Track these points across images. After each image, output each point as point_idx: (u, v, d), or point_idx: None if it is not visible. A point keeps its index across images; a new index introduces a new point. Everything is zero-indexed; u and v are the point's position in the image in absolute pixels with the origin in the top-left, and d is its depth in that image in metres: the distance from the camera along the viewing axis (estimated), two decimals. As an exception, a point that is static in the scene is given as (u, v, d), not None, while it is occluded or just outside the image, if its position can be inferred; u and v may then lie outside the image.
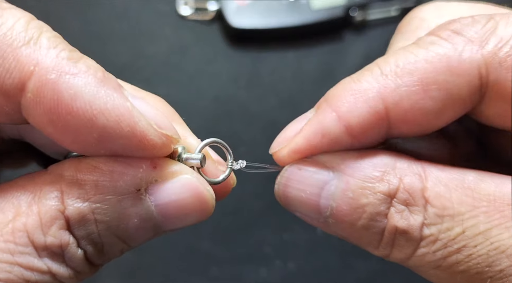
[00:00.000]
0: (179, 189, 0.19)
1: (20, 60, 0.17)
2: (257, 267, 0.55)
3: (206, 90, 0.61)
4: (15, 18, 0.18)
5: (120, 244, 0.19)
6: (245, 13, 0.61)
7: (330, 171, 0.22)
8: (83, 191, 0.17)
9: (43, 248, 0.17)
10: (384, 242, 0.21)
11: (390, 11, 0.65)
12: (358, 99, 0.21)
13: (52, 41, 0.18)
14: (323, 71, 0.63)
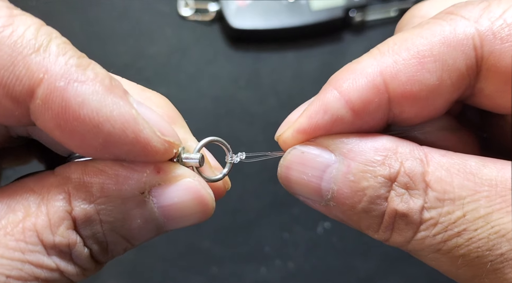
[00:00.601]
0: (181, 192, 0.20)
1: (30, 67, 0.17)
2: (257, 266, 0.55)
3: (206, 90, 0.61)
4: (25, 25, 0.18)
5: (123, 243, 0.20)
6: (245, 14, 0.61)
7: (332, 154, 0.22)
8: (90, 193, 0.18)
9: (52, 247, 0.18)
10: (384, 226, 0.22)
11: (389, 12, 0.65)
12: (357, 75, 0.22)
13: (61, 48, 0.18)
14: (323, 71, 0.63)
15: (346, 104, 0.22)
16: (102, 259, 0.20)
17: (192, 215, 0.21)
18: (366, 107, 0.22)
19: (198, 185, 0.21)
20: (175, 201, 0.20)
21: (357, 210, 0.21)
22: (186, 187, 0.20)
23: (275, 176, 0.66)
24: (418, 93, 0.21)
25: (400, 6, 0.65)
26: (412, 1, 0.65)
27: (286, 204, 0.57)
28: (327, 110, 0.22)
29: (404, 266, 0.57)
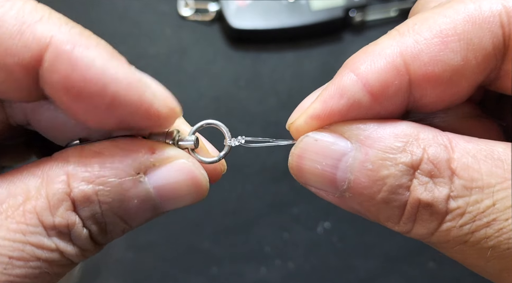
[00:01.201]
0: (175, 173, 0.20)
1: (37, 34, 0.18)
2: (257, 267, 0.55)
3: (206, 90, 0.61)
4: (22, 1, 0.19)
5: (121, 224, 0.20)
6: (245, 14, 0.61)
7: (348, 141, 0.20)
8: (87, 175, 0.19)
9: (52, 228, 0.18)
10: (405, 217, 0.20)
11: (389, 12, 0.65)
12: (375, 57, 0.21)
13: (62, 19, 0.19)
14: (323, 71, 0.63)
15: (364, 87, 0.20)
16: (101, 240, 0.20)
17: (186, 195, 0.21)
18: (385, 90, 0.20)
19: (192, 166, 0.21)
20: (169, 182, 0.20)
21: (376, 201, 0.20)
22: (180, 167, 0.20)
23: (275, 176, 0.67)
24: (441, 74, 0.20)
25: (400, 6, 0.65)
26: (412, 0, 0.65)
27: (286, 204, 0.57)
28: (343, 94, 0.20)
29: (404, 266, 0.57)
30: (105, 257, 0.54)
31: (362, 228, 0.57)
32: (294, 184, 0.58)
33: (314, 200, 0.58)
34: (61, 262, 0.19)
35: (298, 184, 0.65)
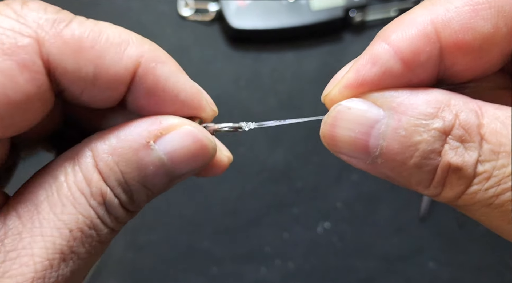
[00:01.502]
0: (181, 137, 0.22)
1: (131, 56, 0.22)
2: (257, 267, 0.55)
3: (206, 90, 0.61)
4: (111, 27, 0.22)
5: (144, 190, 0.22)
6: (245, 14, 0.61)
7: (381, 109, 0.21)
8: (107, 148, 0.21)
9: (91, 198, 0.21)
10: (435, 181, 0.21)
11: (389, 12, 0.65)
12: (407, 26, 0.21)
13: (139, 40, 0.22)
14: (323, 71, 0.63)
15: (396, 55, 0.21)
16: (131, 208, 0.22)
17: (194, 157, 0.23)
18: (417, 57, 0.21)
19: (195, 130, 0.23)
20: (177, 146, 0.22)
21: (408, 166, 0.21)
22: (185, 132, 0.23)
23: (275, 176, 0.66)
24: (472, 42, 0.20)
25: (400, 6, 0.65)
26: (412, 1, 0.65)
27: (286, 204, 0.58)
28: (376, 62, 0.21)
29: (404, 266, 0.57)
30: (105, 257, 0.54)
31: (362, 228, 0.58)
32: (294, 184, 0.58)
33: (314, 200, 0.58)
34: (104, 231, 0.21)
35: (298, 184, 0.66)
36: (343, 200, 0.58)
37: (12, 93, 0.18)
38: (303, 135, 0.60)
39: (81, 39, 0.20)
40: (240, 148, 0.59)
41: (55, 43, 0.19)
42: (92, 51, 0.20)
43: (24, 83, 0.18)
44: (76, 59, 0.20)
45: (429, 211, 0.59)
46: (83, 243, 0.20)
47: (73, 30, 0.20)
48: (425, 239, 0.58)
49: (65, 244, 0.19)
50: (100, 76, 0.21)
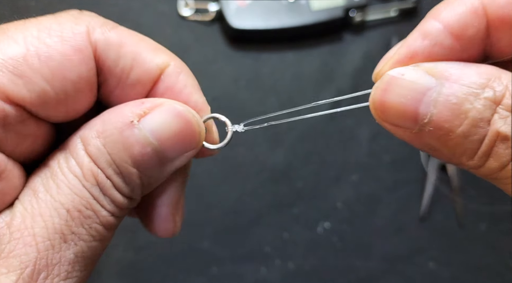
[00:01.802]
0: (165, 114, 0.22)
1: (164, 58, 0.25)
2: (257, 267, 0.55)
3: (207, 90, 0.60)
4: (151, 40, 0.25)
5: (135, 172, 0.22)
6: (245, 14, 0.61)
7: (433, 78, 0.21)
8: (94, 132, 0.22)
9: (86, 180, 0.21)
10: (481, 150, 0.21)
11: (389, 12, 0.65)
12: (456, 3, 0.22)
13: (172, 53, 0.26)
14: (323, 71, 0.63)
15: (445, 29, 0.22)
16: (126, 192, 0.22)
17: (180, 134, 0.23)
18: (465, 31, 0.22)
19: (179, 106, 0.23)
20: (162, 123, 0.22)
21: (456, 135, 0.21)
22: (168, 109, 0.22)
23: (275, 176, 0.66)
24: None
25: (400, 6, 0.65)
26: (412, 1, 0.65)
27: (286, 204, 0.58)
28: (426, 36, 0.22)
29: (404, 266, 0.57)
30: (105, 257, 0.54)
31: (362, 228, 0.58)
32: (294, 185, 0.58)
33: (314, 200, 0.58)
34: (103, 212, 0.21)
35: (298, 184, 0.65)
36: (343, 200, 0.58)
37: (68, 72, 0.21)
38: (303, 135, 0.60)
39: (124, 37, 0.23)
40: (240, 148, 0.59)
41: (102, 36, 0.22)
42: (131, 47, 0.23)
43: (78, 63, 0.21)
44: (117, 51, 0.22)
45: (429, 211, 0.59)
46: (82, 224, 0.21)
47: (118, 31, 0.23)
48: (425, 239, 0.58)
49: (63, 224, 0.20)
50: (136, 67, 0.23)
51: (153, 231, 0.27)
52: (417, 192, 0.59)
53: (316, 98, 0.62)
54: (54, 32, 0.21)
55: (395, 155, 0.61)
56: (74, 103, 0.22)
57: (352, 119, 0.61)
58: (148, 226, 0.27)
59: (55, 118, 0.22)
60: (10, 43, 0.20)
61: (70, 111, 0.22)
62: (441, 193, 0.59)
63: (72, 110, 0.22)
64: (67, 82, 0.21)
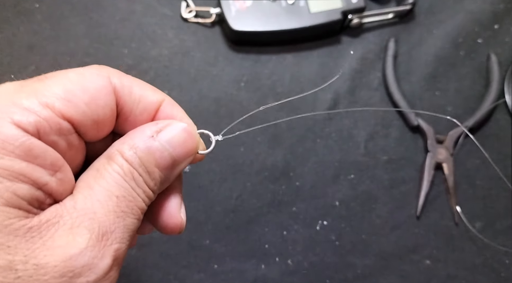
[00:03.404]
0: (175, 129, 0.30)
1: (161, 94, 0.32)
2: (257, 264, 0.56)
3: (207, 92, 0.62)
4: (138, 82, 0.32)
5: (157, 171, 0.29)
6: (245, 17, 0.62)
7: None
8: (127, 145, 0.29)
9: (124, 176, 0.28)
10: None
11: (387, 15, 0.66)
12: None
13: (158, 90, 0.33)
14: (321, 73, 0.64)
15: None
16: (151, 185, 0.29)
17: (186, 142, 0.30)
18: None
19: (184, 125, 0.31)
20: (173, 134, 0.30)
21: None
22: (178, 125, 0.30)
23: (274, 175, 0.67)
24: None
25: (397, 9, 0.66)
26: (410, 3, 0.66)
27: (285, 203, 0.58)
28: None
29: (400, 263, 0.57)
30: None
31: (359, 226, 0.58)
32: (293, 184, 0.59)
33: (312, 199, 0.59)
34: (138, 199, 0.28)
35: (297, 183, 0.66)
36: (341, 199, 0.59)
37: (99, 101, 0.28)
38: (302, 135, 0.61)
39: (132, 81, 0.31)
40: (240, 148, 0.60)
41: (118, 80, 0.30)
42: (138, 87, 0.31)
43: (104, 95, 0.28)
44: (129, 89, 0.30)
45: (425, 209, 0.59)
46: (127, 206, 0.27)
47: (128, 77, 0.31)
48: (421, 237, 0.58)
49: (115, 205, 0.27)
50: (143, 101, 0.31)
51: (164, 229, 0.32)
52: (413, 191, 0.60)
53: (315, 98, 0.63)
54: (87, 75, 0.28)
55: (392, 155, 0.61)
56: (103, 125, 0.29)
57: (350, 119, 0.62)
58: (159, 224, 0.32)
59: (89, 137, 0.29)
60: (55, 83, 0.27)
61: (100, 132, 0.29)
62: (437, 191, 0.60)
63: (101, 131, 0.29)
64: (98, 108, 0.28)
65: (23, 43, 0.60)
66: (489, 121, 0.63)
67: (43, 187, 0.25)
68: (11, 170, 0.23)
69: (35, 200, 0.25)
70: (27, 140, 0.24)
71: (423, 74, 0.65)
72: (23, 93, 0.25)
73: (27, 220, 0.24)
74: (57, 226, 0.25)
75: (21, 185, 0.24)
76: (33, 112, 0.25)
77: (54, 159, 0.26)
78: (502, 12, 0.68)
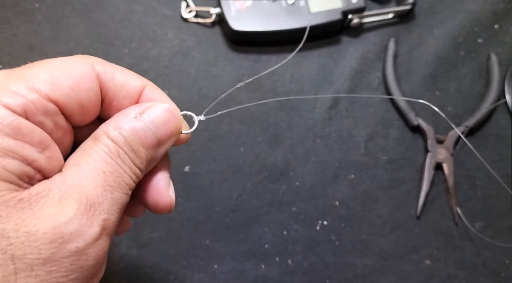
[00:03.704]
0: (157, 110, 0.32)
1: (143, 79, 0.35)
2: (257, 264, 0.56)
3: (208, 91, 0.62)
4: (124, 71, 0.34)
5: (142, 149, 0.31)
6: (245, 17, 0.62)
7: None
8: (112, 127, 0.30)
9: (110, 153, 0.30)
10: None
11: (387, 15, 0.66)
12: None
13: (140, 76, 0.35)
14: (321, 73, 0.64)
15: None
16: (138, 163, 0.31)
17: (169, 121, 0.32)
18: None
19: (166, 105, 0.32)
20: (156, 115, 0.31)
21: None
22: (159, 106, 0.32)
23: (274, 175, 0.67)
24: None
25: (397, 9, 0.66)
26: (410, 3, 0.66)
27: (285, 203, 0.58)
28: None
29: (400, 263, 0.57)
30: (109, 254, 0.55)
31: (359, 226, 0.58)
32: (293, 183, 0.59)
33: (312, 199, 0.59)
34: (125, 175, 0.30)
35: (297, 183, 0.66)
36: (341, 199, 0.59)
37: (83, 85, 0.30)
38: (302, 135, 0.61)
39: (115, 67, 0.33)
40: (240, 148, 0.60)
41: (102, 67, 0.32)
42: (121, 73, 0.33)
43: (88, 81, 0.30)
44: (112, 75, 0.32)
45: (425, 209, 0.59)
46: (113, 180, 0.29)
47: (111, 64, 0.33)
48: (421, 237, 0.58)
49: (102, 180, 0.28)
50: (126, 85, 0.32)
51: (154, 208, 0.34)
52: (413, 191, 0.60)
53: (316, 98, 0.63)
54: (71, 62, 0.30)
55: (392, 155, 0.61)
56: (88, 109, 0.31)
57: (350, 119, 0.62)
58: (149, 204, 0.34)
59: (76, 120, 0.30)
60: (41, 69, 0.29)
61: (85, 116, 0.31)
62: (437, 191, 0.60)
63: (86, 115, 0.31)
64: (82, 92, 0.30)
65: (23, 43, 0.60)
66: (489, 121, 0.63)
67: (32, 163, 0.27)
68: (1, 147, 0.25)
69: (25, 175, 0.26)
70: (15, 119, 0.26)
71: (423, 74, 0.65)
72: (11, 79, 0.27)
73: (17, 193, 0.25)
74: (47, 198, 0.26)
75: (10, 160, 0.25)
76: (20, 95, 0.26)
77: (41, 137, 0.27)
78: (502, 12, 0.68)
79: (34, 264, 0.24)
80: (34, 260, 0.24)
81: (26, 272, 0.24)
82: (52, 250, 0.25)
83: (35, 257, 0.24)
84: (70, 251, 0.25)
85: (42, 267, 0.25)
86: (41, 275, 0.25)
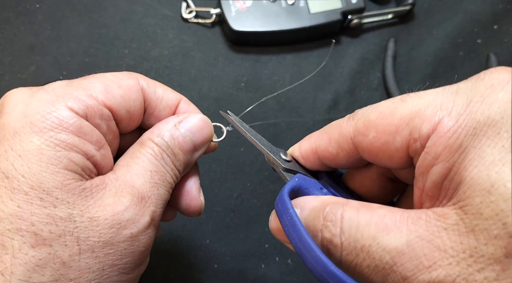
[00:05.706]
0: (193, 119, 0.36)
1: (178, 94, 0.39)
2: (257, 263, 0.56)
3: (208, 92, 0.62)
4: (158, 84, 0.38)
5: (181, 153, 0.35)
6: (245, 17, 0.62)
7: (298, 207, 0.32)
8: (155, 134, 0.35)
9: (156, 156, 0.34)
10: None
11: (386, 15, 0.66)
12: None
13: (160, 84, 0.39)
14: (320, 73, 0.64)
15: None
16: (177, 164, 0.35)
17: (203, 129, 0.36)
18: None
19: (201, 115, 0.37)
20: (192, 123, 0.36)
21: None
22: (194, 116, 0.36)
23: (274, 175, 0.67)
24: None
25: (396, 10, 0.66)
26: (409, 4, 0.66)
27: (285, 203, 0.58)
28: (331, 139, 0.35)
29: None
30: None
31: (359, 226, 0.58)
32: (293, 183, 0.59)
33: (312, 198, 0.59)
34: (167, 175, 0.34)
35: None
36: (341, 199, 0.59)
37: (132, 95, 0.34)
38: (302, 135, 0.61)
39: (156, 83, 0.37)
40: (240, 148, 0.60)
41: (145, 82, 0.36)
42: (161, 88, 0.37)
43: (135, 92, 0.34)
44: (154, 89, 0.36)
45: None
46: (159, 178, 0.33)
47: (153, 80, 0.37)
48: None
49: (150, 177, 0.32)
50: (165, 98, 0.36)
51: (186, 210, 0.37)
52: (413, 191, 0.60)
53: (316, 98, 0.63)
54: (120, 76, 0.34)
55: (392, 155, 0.61)
56: (134, 116, 0.35)
57: (350, 119, 0.62)
58: (182, 207, 0.37)
59: (123, 126, 0.34)
60: (97, 80, 0.33)
61: (131, 123, 0.35)
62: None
63: (132, 122, 0.35)
64: (131, 101, 0.34)
65: (24, 43, 0.60)
66: (489, 121, 0.63)
67: (91, 158, 0.30)
68: (68, 142, 0.29)
69: (86, 168, 0.30)
70: (78, 120, 0.30)
71: (422, 74, 0.65)
72: (72, 87, 0.31)
73: (81, 182, 0.29)
74: (105, 190, 0.30)
75: (75, 154, 0.29)
76: (81, 100, 0.31)
77: (98, 137, 0.31)
78: (502, 12, 0.68)
79: (95, 246, 0.28)
80: (95, 243, 0.28)
81: (88, 253, 0.27)
82: (111, 235, 0.28)
83: (96, 240, 0.28)
84: (125, 236, 0.29)
85: (101, 250, 0.28)
86: (100, 257, 0.28)
